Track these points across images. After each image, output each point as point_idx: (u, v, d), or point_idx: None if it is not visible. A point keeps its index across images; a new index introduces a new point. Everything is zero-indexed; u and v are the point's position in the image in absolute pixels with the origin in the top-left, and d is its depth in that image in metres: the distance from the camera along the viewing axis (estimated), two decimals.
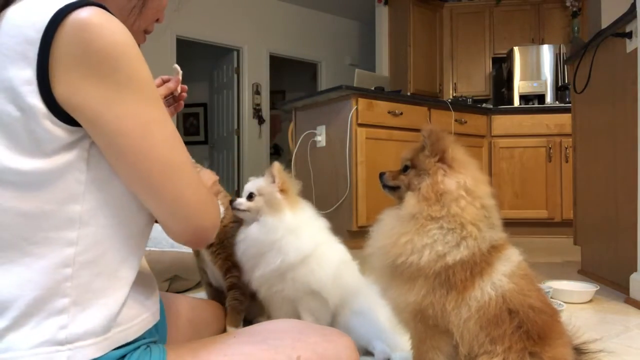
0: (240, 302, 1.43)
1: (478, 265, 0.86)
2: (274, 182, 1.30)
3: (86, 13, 0.60)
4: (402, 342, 1.18)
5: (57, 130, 0.61)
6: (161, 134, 0.66)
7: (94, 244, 0.65)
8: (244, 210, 1.29)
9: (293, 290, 1.26)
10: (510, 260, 0.90)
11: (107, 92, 0.61)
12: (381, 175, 1.03)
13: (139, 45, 0.84)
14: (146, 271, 0.82)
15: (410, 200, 0.91)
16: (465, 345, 0.86)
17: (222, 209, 1.47)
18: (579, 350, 0.92)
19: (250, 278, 1.31)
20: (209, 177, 1.19)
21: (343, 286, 1.31)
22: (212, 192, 1.06)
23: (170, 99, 1.13)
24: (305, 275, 1.24)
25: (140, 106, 0.64)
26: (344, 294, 1.32)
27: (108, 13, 0.63)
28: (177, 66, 1.16)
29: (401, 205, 0.93)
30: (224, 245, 1.43)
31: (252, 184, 1.33)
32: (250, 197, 1.29)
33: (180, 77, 1.15)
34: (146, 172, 0.65)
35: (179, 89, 1.13)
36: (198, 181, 0.72)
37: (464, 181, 0.88)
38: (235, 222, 1.40)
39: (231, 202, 1.32)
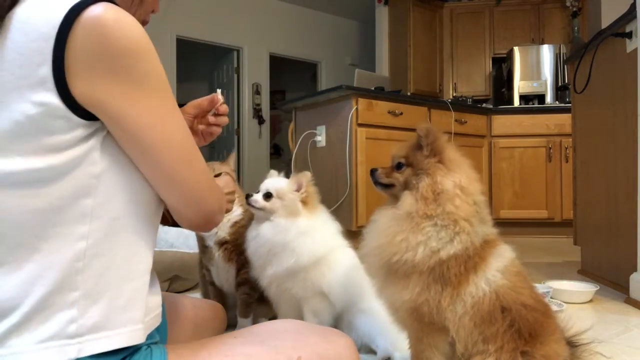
0: (250, 295, 1.49)
1: (472, 259, 0.87)
2: (298, 189, 1.30)
3: (100, 9, 0.61)
4: (404, 341, 1.18)
5: (72, 125, 0.62)
6: (176, 123, 0.69)
7: (105, 236, 0.65)
8: (258, 208, 1.29)
9: (302, 290, 1.28)
10: (504, 256, 0.91)
11: (128, 88, 0.63)
12: (373, 171, 1.03)
13: None
14: (152, 272, 0.82)
15: (408, 199, 0.93)
16: (461, 342, 0.86)
17: (239, 210, 1.47)
18: (571, 344, 0.92)
19: (260, 275, 1.32)
20: (225, 184, 1.09)
21: (352, 290, 1.32)
22: (227, 199, 1.03)
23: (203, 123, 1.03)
24: (316, 277, 1.27)
25: (159, 100, 0.67)
26: (352, 297, 1.33)
27: (120, 9, 0.63)
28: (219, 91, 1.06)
29: (397, 204, 0.94)
30: (238, 243, 1.46)
31: (272, 183, 1.32)
32: (268, 196, 1.29)
33: (218, 98, 1.02)
34: (168, 161, 0.68)
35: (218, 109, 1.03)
36: (206, 166, 0.76)
37: (460, 180, 0.91)
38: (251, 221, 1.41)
39: (247, 196, 1.32)
